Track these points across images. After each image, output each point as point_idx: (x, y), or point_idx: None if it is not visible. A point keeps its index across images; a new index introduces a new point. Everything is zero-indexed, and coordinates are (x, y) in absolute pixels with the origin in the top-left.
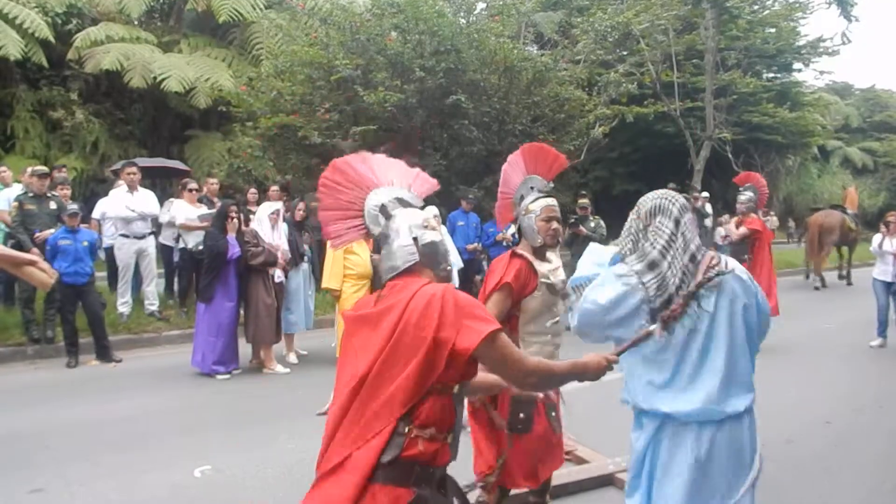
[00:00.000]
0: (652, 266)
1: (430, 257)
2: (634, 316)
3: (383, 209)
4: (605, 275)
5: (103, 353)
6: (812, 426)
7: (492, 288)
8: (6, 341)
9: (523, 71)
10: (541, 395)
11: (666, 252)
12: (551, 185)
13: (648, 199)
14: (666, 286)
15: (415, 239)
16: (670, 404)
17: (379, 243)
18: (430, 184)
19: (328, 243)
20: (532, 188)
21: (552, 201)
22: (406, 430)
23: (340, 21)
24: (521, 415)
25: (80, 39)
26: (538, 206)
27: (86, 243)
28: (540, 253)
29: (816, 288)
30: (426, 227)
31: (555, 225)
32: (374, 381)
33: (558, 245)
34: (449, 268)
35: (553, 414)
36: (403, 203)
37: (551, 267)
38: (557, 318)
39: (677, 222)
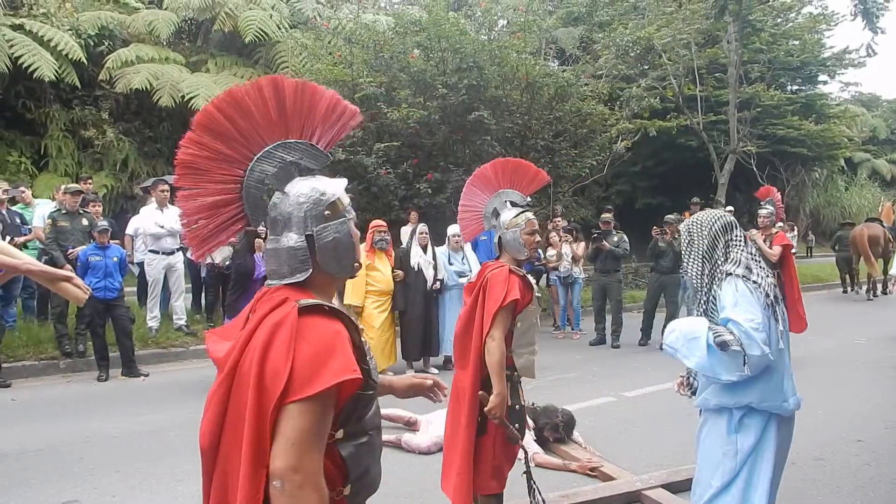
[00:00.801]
0: (749, 270)
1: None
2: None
3: None
4: (733, 299)
5: (130, 367)
6: (843, 443)
7: (498, 305)
8: (40, 355)
9: (545, 87)
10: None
11: (754, 259)
12: (529, 199)
13: (710, 221)
14: (763, 287)
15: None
16: (790, 399)
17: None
18: None
19: None
20: (507, 202)
21: (532, 215)
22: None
23: (364, 40)
24: (517, 425)
25: (111, 60)
26: (522, 220)
27: (115, 259)
28: (518, 265)
29: (869, 299)
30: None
31: (537, 238)
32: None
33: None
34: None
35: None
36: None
37: (533, 279)
38: (537, 330)
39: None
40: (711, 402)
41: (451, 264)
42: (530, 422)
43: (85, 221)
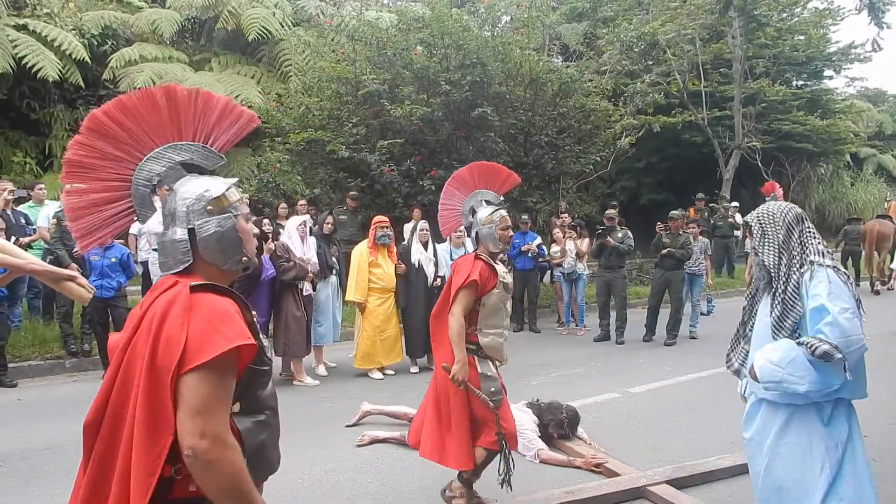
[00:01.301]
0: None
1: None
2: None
3: None
4: (827, 289)
5: None
6: None
7: (459, 284)
8: (45, 355)
9: (549, 83)
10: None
11: (828, 252)
12: (501, 198)
13: (782, 212)
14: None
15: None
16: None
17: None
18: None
19: (352, 255)
20: (483, 201)
21: (505, 212)
22: (172, 472)
23: (367, 37)
24: (492, 388)
25: (114, 60)
26: (498, 216)
27: (113, 259)
28: (493, 258)
29: (876, 293)
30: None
31: (510, 233)
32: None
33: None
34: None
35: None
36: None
37: (504, 269)
38: (508, 315)
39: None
40: (798, 398)
41: (452, 260)
42: (535, 417)
43: None
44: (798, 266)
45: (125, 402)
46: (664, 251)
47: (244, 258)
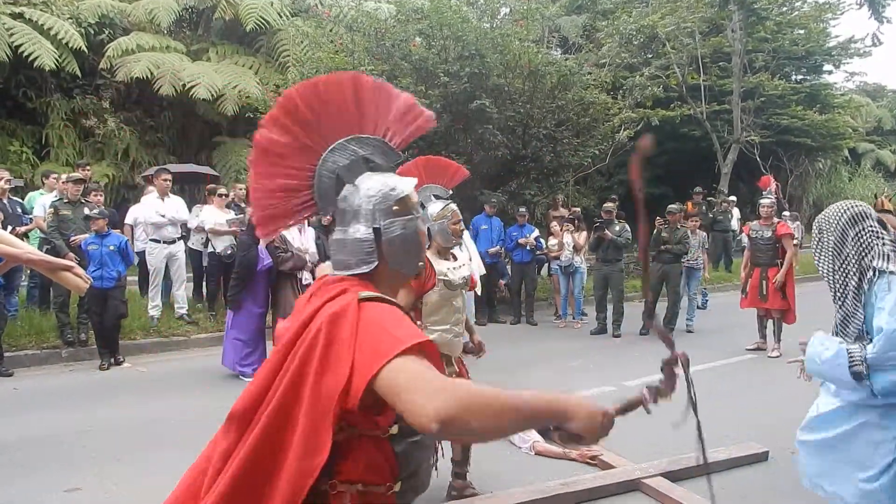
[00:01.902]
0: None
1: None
2: None
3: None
4: (893, 302)
5: (107, 356)
6: None
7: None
8: (42, 344)
9: (547, 75)
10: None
11: (892, 250)
12: (450, 191)
13: (837, 214)
14: None
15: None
16: None
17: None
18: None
19: None
20: (432, 196)
21: (455, 206)
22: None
23: (365, 27)
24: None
25: (111, 49)
26: (449, 211)
27: (112, 248)
28: (445, 252)
29: None
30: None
31: (461, 227)
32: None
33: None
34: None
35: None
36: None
37: (455, 265)
38: (459, 311)
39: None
40: (853, 396)
41: None
42: None
43: (87, 210)
44: (855, 271)
45: (295, 402)
46: (662, 246)
47: (421, 262)
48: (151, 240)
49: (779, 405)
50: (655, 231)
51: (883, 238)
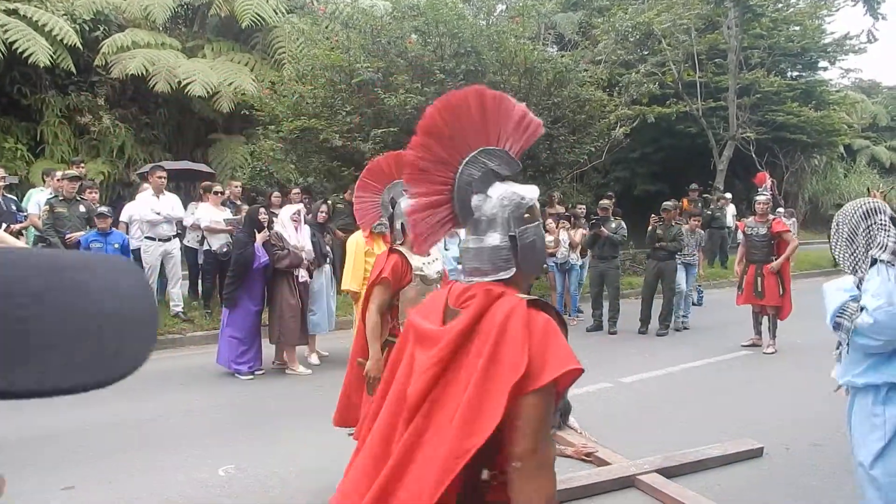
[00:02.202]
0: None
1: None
2: None
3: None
4: (878, 282)
5: None
6: (838, 429)
7: (372, 281)
8: None
9: (543, 72)
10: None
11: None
12: None
13: (852, 209)
14: None
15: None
16: None
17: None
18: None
19: (347, 245)
20: (404, 191)
21: None
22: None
23: (361, 25)
24: None
25: (106, 45)
26: None
27: (116, 245)
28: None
29: None
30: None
31: None
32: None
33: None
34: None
35: None
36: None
37: (428, 259)
38: None
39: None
40: (859, 381)
41: (447, 249)
42: None
43: (82, 208)
44: (864, 260)
45: (449, 400)
46: (658, 244)
47: (545, 264)
48: (147, 237)
49: (774, 401)
50: (650, 228)
51: (889, 231)
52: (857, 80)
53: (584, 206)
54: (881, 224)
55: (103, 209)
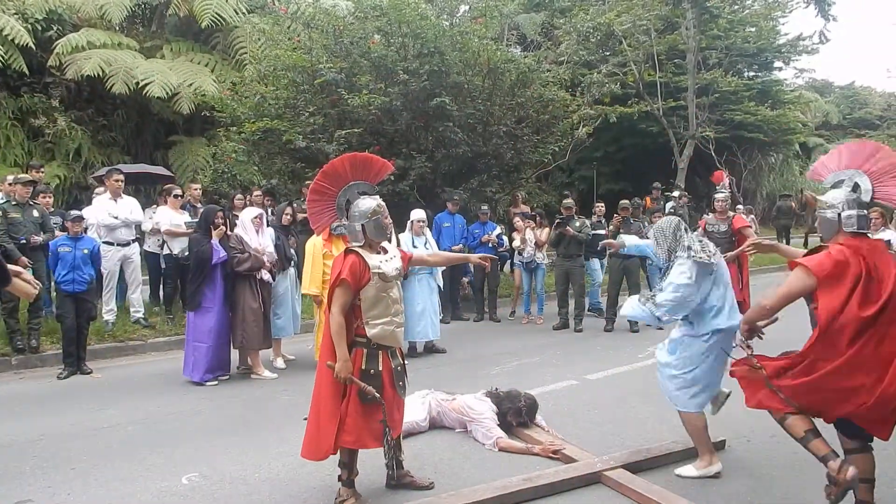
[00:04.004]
0: (689, 248)
1: None
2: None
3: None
4: (673, 273)
5: (76, 363)
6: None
7: (332, 284)
8: None
9: (507, 72)
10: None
11: (699, 239)
12: (376, 187)
13: (667, 227)
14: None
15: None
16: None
17: None
18: None
19: (306, 248)
20: (358, 193)
21: (382, 201)
22: None
23: (323, 25)
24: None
25: (60, 46)
26: (381, 207)
27: (86, 251)
28: (376, 246)
29: None
30: None
31: (389, 220)
32: None
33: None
34: None
35: (399, 383)
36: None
37: (386, 257)
38: (396, 302)
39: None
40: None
41: (415, 247)
42: (494, 406)
43: (36, 213)
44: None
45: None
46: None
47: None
48: (105, 242)
49: (734, 395)
50: (612, 227)
51: (692, 237)
52: (810, 79)
53: (540, 210)
54: (683, 232)
55: (76, 212)
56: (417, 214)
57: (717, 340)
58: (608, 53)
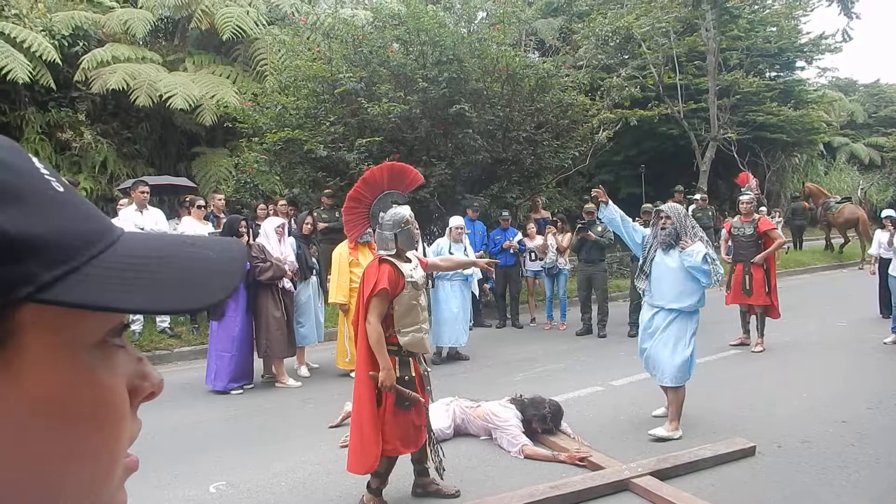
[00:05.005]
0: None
1: None
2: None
3: None
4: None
5: None
6: (828, 425)
7: (370, 293)
8: None
9: (526, 78)
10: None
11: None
12: (407, 196)
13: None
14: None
15: None
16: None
17: None
18: None
19: (332, 256)
20: (391, 202)
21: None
22: None
23: (343, 35)
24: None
25: (86, 61)
26: (412, 217)
27: None
28: (403, 254)
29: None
30: None
31: (418, 229)
32: None
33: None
34: None
35: (428, 388)
36: None
37: (412, 265)
38: (424, 309)
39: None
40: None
41: (452, 254)
42: (518, 413)
43: None
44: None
45: None
46: None
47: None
48: None
49: (764, 400)
50: None
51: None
52: (833, 78)
53: (561, 215)
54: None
55: None
56: (456, 221)
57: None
58: (627, 57)
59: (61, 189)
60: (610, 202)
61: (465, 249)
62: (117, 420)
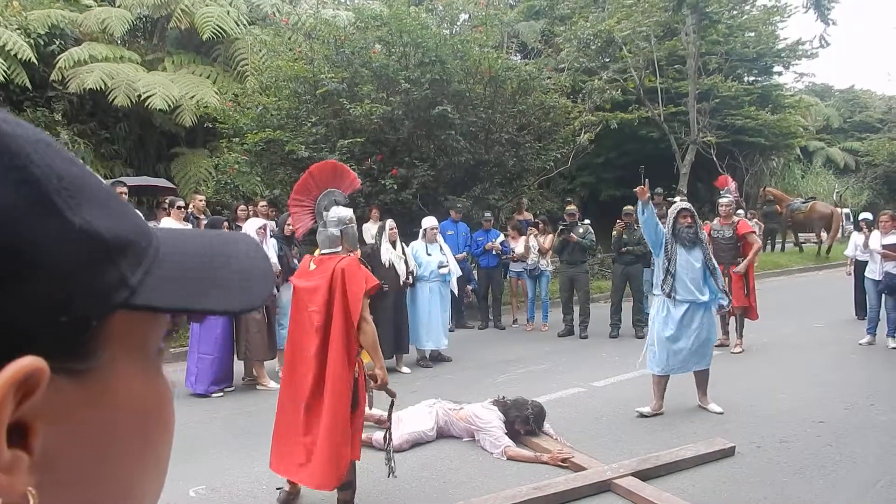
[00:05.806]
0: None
1: None
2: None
3: None
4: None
5: None
6: (806, 425)
7: (364, 290)
8: None
9: (508, 80)
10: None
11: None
12: (347, 198)
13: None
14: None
15: None
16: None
17: None
18: None
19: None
20: (334, 201)
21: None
22: None
23: (324, 35)
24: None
25: (63, 60)
26: (354, 219)
27: None
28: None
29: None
30: None
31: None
32: None
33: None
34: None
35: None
36: None
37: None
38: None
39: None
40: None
41: (429, 255)
42: (501, 415)
43: None
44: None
45: None
46: (623, 248)
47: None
48: None
49: (743, 400)
50: (616, 233)
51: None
52: (810, 83)
53: (544, 217)
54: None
55: None
56: (430, 222)
57: None
58: (608, 60)
59: (103, 183)
60: (650, 202)
61: (441, 249)
62: (172, 428)
